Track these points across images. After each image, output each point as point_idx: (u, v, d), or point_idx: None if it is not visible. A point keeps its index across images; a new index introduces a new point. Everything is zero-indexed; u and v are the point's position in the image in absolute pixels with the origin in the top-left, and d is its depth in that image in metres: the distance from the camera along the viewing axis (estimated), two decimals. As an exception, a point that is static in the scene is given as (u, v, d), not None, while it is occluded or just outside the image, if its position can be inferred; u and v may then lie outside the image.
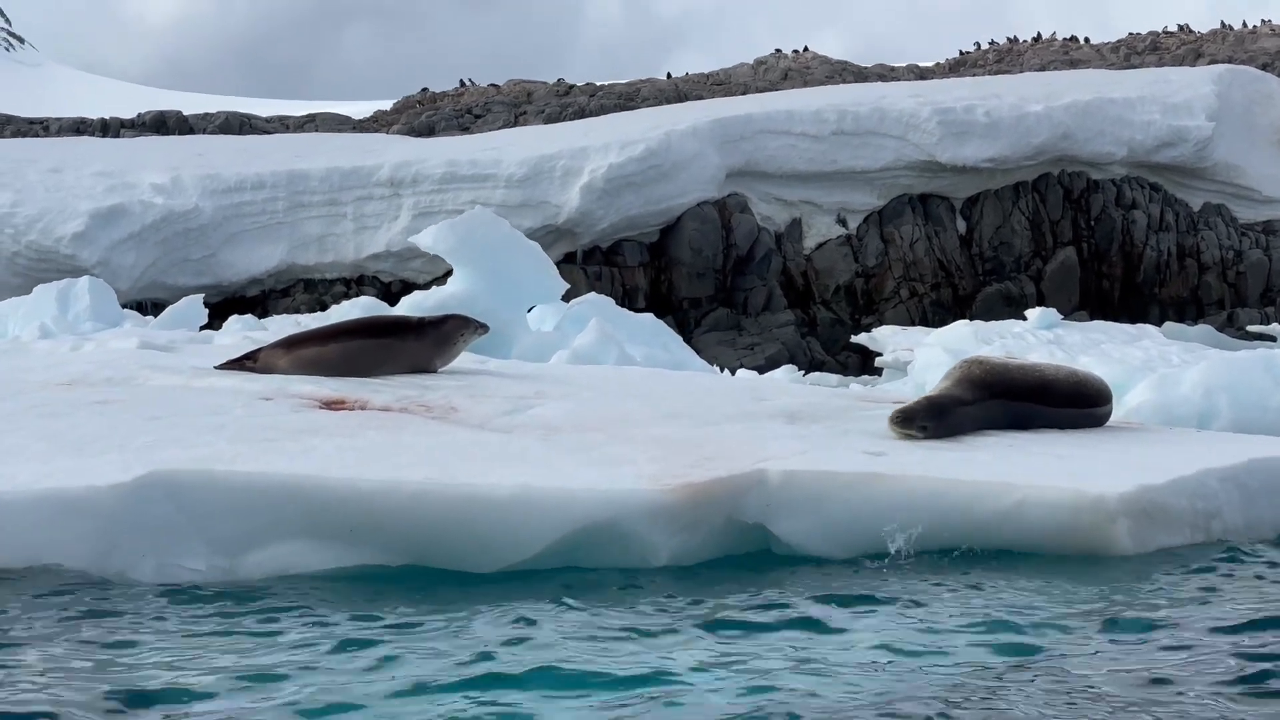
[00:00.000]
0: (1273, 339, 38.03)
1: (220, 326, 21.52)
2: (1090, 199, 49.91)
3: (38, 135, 62.03)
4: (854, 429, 9.37)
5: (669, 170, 43.23)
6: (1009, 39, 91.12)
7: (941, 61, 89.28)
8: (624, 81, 73.45)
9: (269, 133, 59.22)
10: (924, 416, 9.16)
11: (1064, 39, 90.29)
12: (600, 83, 72.93)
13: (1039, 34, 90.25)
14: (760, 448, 8.61)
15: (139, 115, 64.29)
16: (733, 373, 25.66)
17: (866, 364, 39.55)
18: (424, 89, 75.95)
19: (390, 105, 76.94)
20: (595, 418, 9.51)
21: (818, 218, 46.45)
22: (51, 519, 7.41)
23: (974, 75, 70.66)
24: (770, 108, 47.06)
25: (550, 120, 60.12)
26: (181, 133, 59.91)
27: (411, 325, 11.16)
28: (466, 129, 61.39)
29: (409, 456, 8.21)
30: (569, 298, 19.45)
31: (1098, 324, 33.45)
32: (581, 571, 7.67)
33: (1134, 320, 44.72)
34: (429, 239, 16.52)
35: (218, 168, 42.74)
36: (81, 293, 20.91)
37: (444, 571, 7.65)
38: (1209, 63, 71.26)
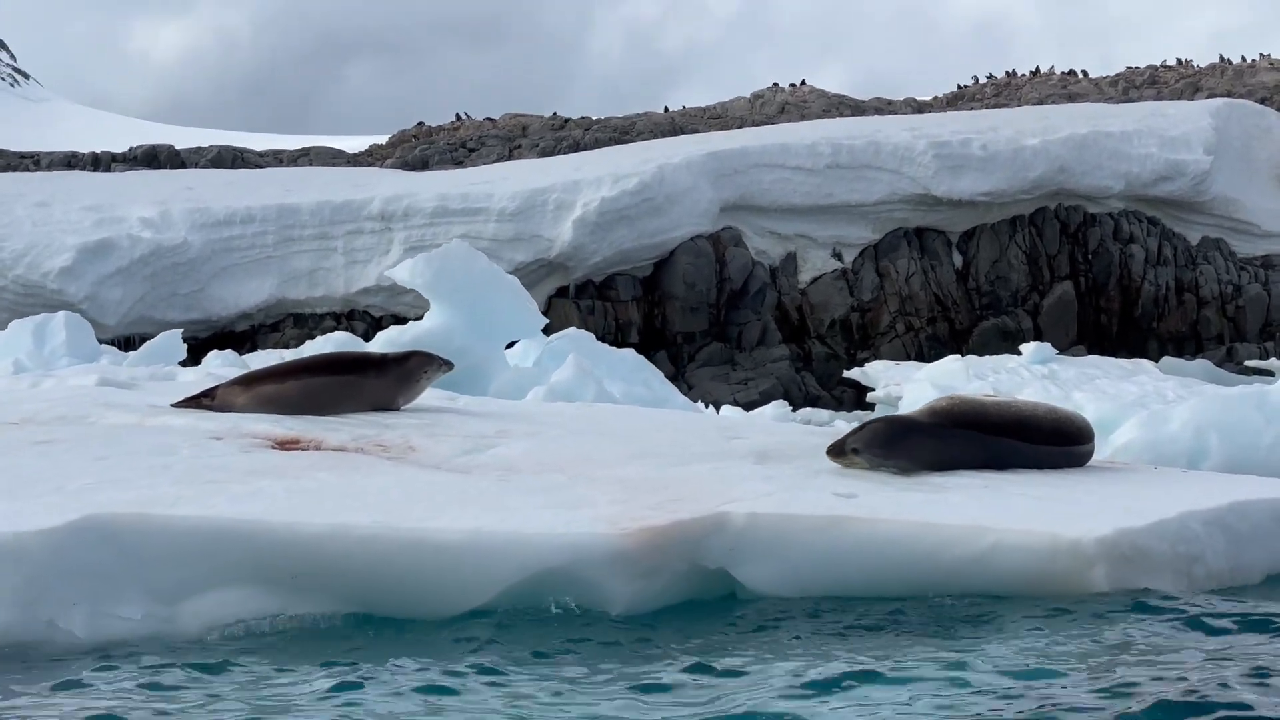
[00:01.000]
0: (1271, 374, 37.75)
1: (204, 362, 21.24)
2: (1088, 233, 49.70)
3: (28, 169, 61.84)
4: (826, 469, 9.06)
5: (662, 204, 43.01)
6: (1007, 73, 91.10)
7: (939, 95, 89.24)
8: (620, 115, 73.37)
9: (262, 167, 59.03)
10: (855, 439, 8.86)
11: (1062, 73, 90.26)
12: (596, 116, 72.85)
13: (1037, 68, 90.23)
14: (726, 489, 8.31)
15: (130, 149, 64.01)
16: (717, 409, 25.31)
17: (862, 399, 39.24)
18: (419, 123, 75.85)
19: (386, 139, 76.83)
20: (558, 457, 9.21)
21: (812, 251, 46.23)
22: (-27, 566, 7.07)
23: (971, 109, 70.56)
24: (765, 141, 46.91)
25: (544, 154, 59.96)
26: (173, 166, 59.69)
27: (374, 362, 10.86)
28: (460, 163, 61.19)
29: (358, 499, 7.91)
30: (551, 331, 19.17)
31: (1093, 359, 33.21)
32: (534, 619, 7.37)
33: (1132, 355, 44.48)
34: (405, 273, 16.24)
35: (207, 201, 42.51)
36: (58, 328, 20.60)
37: (393, 619, 7.35)
38: (1207, 96, 71.19)
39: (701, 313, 43.73)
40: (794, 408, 38.21)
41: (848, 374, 37.33)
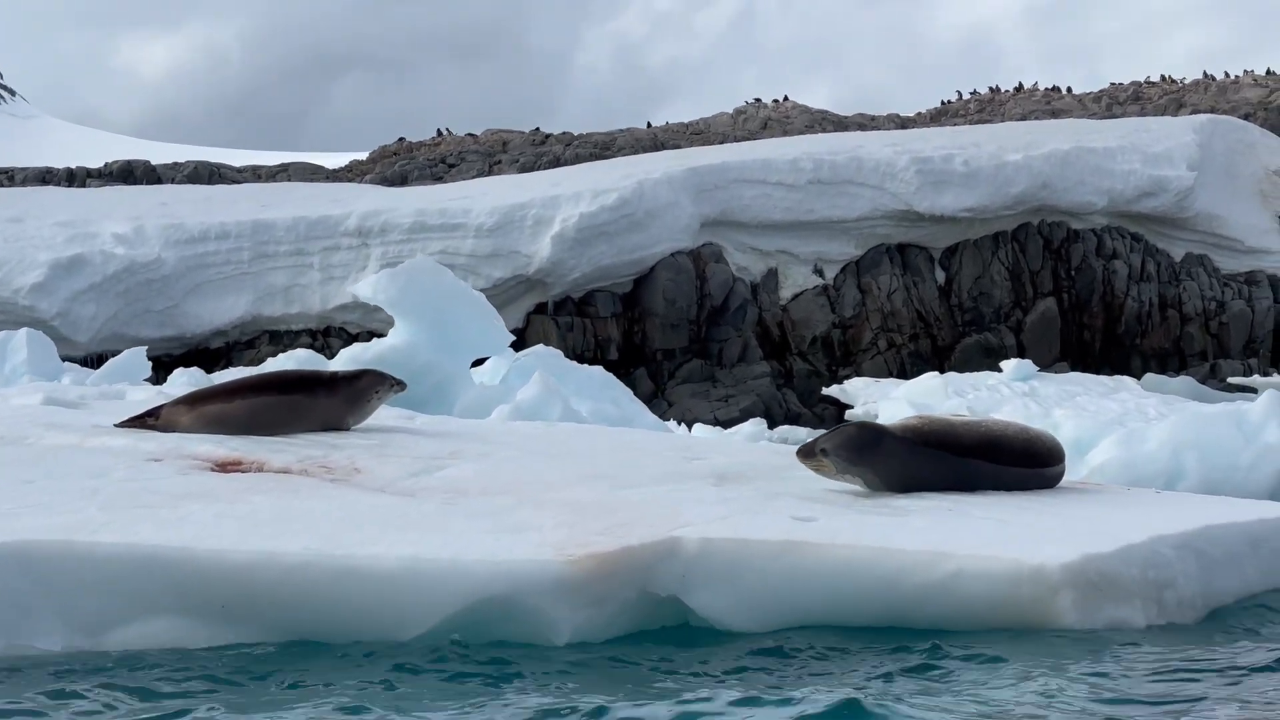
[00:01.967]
0: (1254, 391, 37.53)
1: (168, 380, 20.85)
2: (1070, 249, 49.52)
3: (2, 185, 61.29)
4: (786, 491, 8.74)
5: (642, 219, 42.73)
6: (991, 89, 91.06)
7: (923, 111, 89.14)
8: (602, 131, 73.07)
9: (239, 183, 58.65)
10: (826, 440, 8.56)
11: (1046, 89, 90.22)
12: (578, 132, 72.50)
13: (1020, 84, 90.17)
14: (679, 513, 7.99)
15: (106, 165, 63.45)
16: (689, 428, 24.98)
17: (844, 416, 38.93)
18: (400, 138, 75.48)
19: (367, 155, 76.46)
20: (507, 479, 8.88)
21: (794, 268, 45.96)
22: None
23: (955, 125, 70.41)
24: (746, 156, 46.68)
25: (524, 169, 59.64)
26: (149, 182, 59.18)
27: (323, 381, 10.52)
28: (440, 178, 60.83)
29: (293, 524, 7.58)
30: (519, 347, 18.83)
31: (1074, 375, 32.97)
32: (475, 649, 7.05)
33: (1116, 372, 44.30)
34: (369, 289, 15.92)
35: (181, 217, 42.12)
36: (19, 345, 20.24)
37: (327, 649, 7.02)
38: (1191, 112, 71.15)
39: (682, 329, 43.43)
40: (775, 425, 37.91)
41: (827, 391, 37.06)
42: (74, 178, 60.83)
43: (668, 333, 43.26)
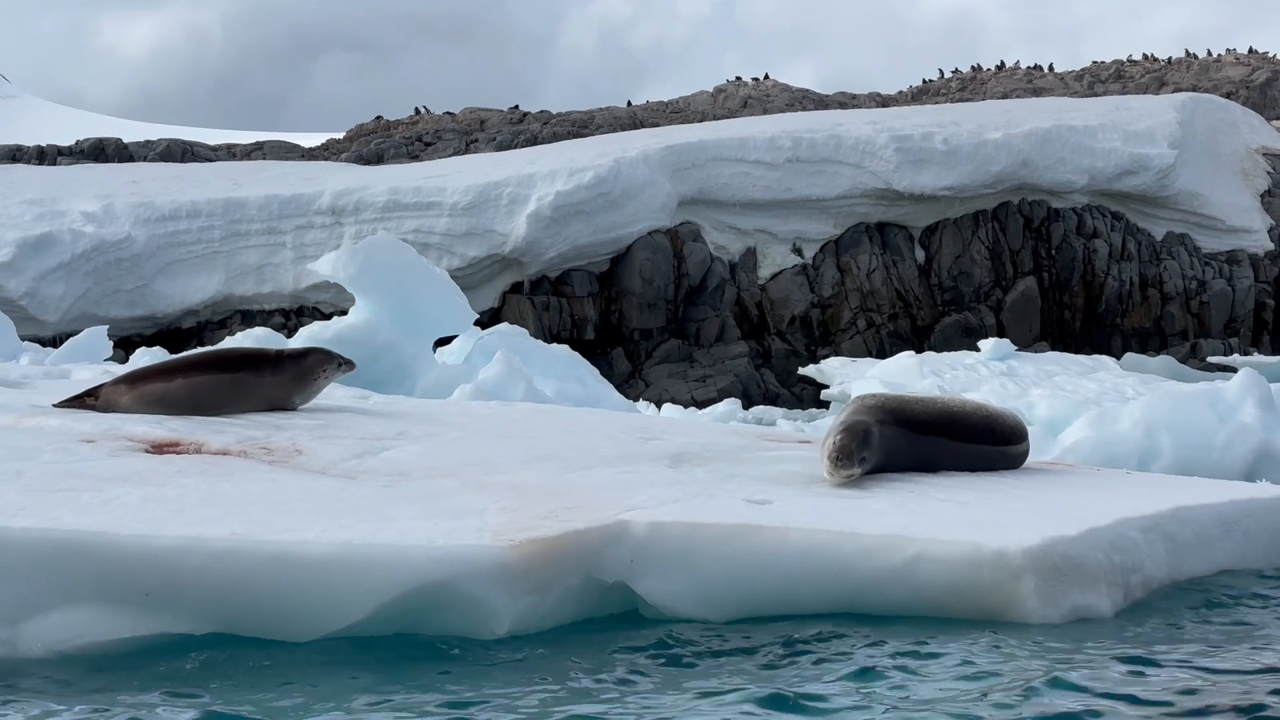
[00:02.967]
0: (1234, 371, 37.34)
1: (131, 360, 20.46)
2: (1051, 228, 49.31)
3: (-30, 164, 60.53)
4: (742, 473, 8.44)
5: (619, 198, 42.39)
6: (973, 68, 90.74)
7: (904, 90, 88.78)
8: (581, 110, 72.55)
9: (213, 161, 58.06)
10: (861, 448, 8.13)
11: (1028, 67, 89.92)
12: (556, 111, 71.96)
13: (1002, 62, 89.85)
14: (629, 495, 7.70)
15: (77, 143, 62.69)
16: (659, 408, 24.66)
17: (819, 397, 38.69)
18: (377, 117, 74.88)
19: (344, 134, 75.88)
20: (453, 461, 8.57)
21: (772, 247, 45.67)
22: None
23: (936, 104, 70.03)
24: (723, 135, 46.37)
25: (501, 148, 59.17)
26: (121, 160, 58.53)
27: (268, 359, 10.19)
28: (416, 157, 60.34)
29: (222, 508, 7.26)
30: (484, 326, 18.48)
31: (1052, 355, 32.72)
32: (409, 639, 6.75)
33: (1096, 351, 44.13)
34: (327, 266, 15.58)
35: (152, 195, 41.64)
36: (-25, 325, 19.85)
37: (256, 640, 6.71)
38: (1173, 91, 70.95)
39: (659, 309, 43.13)
40: (753, 405, 37.67)
41: (803, 371, 36.80)
42: (44, 156, 60.15)
43: (645, 312, 42.95)
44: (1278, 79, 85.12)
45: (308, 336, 15.29)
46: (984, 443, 8.77)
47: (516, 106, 72.38)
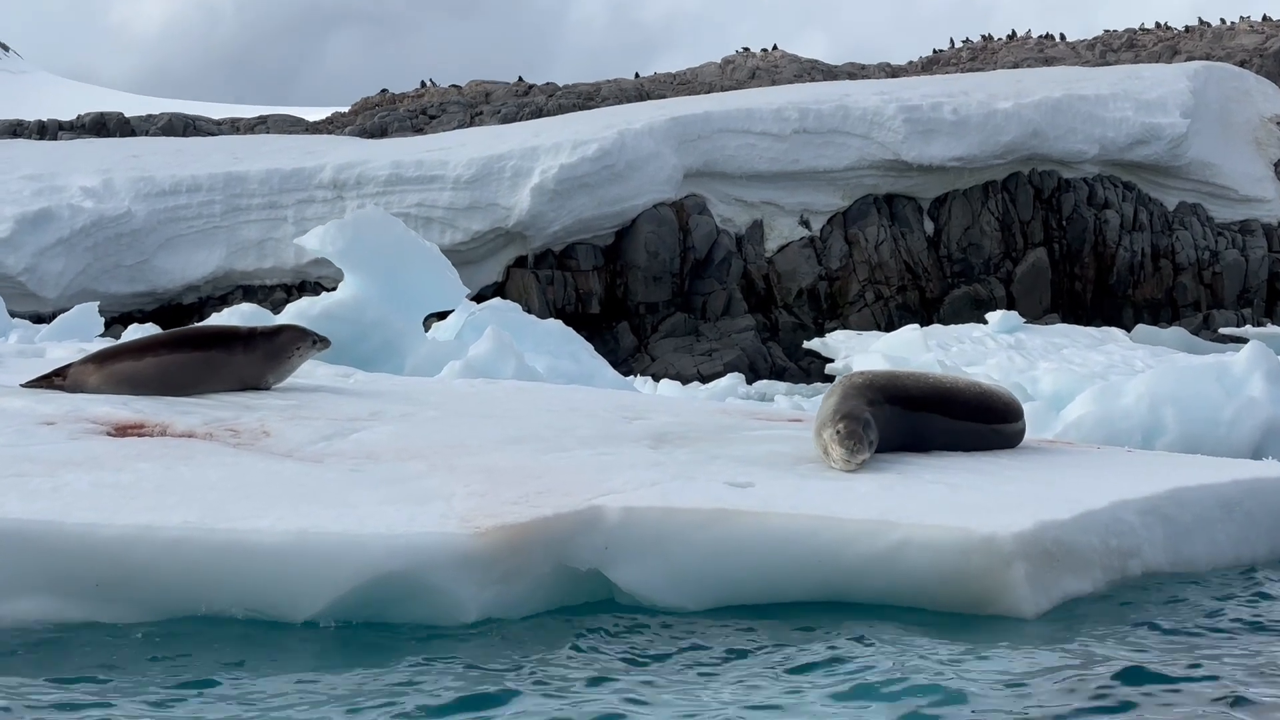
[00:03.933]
0: (1247, 342, 36.93)
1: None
2: (1061, 198, 48.83)
3: (-29, 139, 60.13)
4: (725, 454, 8.11)
5: (623, 171, 41.99)
6: (983, 37, 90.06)
7: (914, 60, 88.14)
8: (587, 82, 72.04)
9: (215, 135, 57.66)
10: (870, 431, 7.79)
11: (1039, 36, 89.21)
12: (562, 83, 71.49)
13: (1013, 32, 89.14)
14: (605, 479, 7.39)
15: (78, 117, 62.28)
16: (657, 382, 24.33)
17: (824, 371, 38.33)
18: (383, 90, 74.45)
19: (349, 107, 75.47)
20: (425, 443, 8.27)
21: (779, 219, 45.24)
22: None
23: (946, 74, 69.50)
24: (729, 106, 45.90)
25: (506, 120, 58.72)
26: (123, 134, 58.16)
27: (240, 336, 9.91)
28: (420, 130, 59.93)
29: (178, 494, 6.98)
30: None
31: (1061, 327, 32.37)
32: (370, 632, 6.47)
33: (1108, 323, 43.73)
34: (315, 240, 15.26)
35: (152, 170, 41.27)
36: (-36, 302, 19.56)
37: (211, 633, 6.42)
38: (1186, 59, 70.30)
39: (665, 283, 42.76)
40: (760, 379, 37.35)
41: (808, 345, 36.43)
42: (45, 130, 59.76)
43: (650, 286, 42.59)
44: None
45: (294, 313, 14.98)
46: (977, 420, 8.45)
47: (521, 79, 71.86)
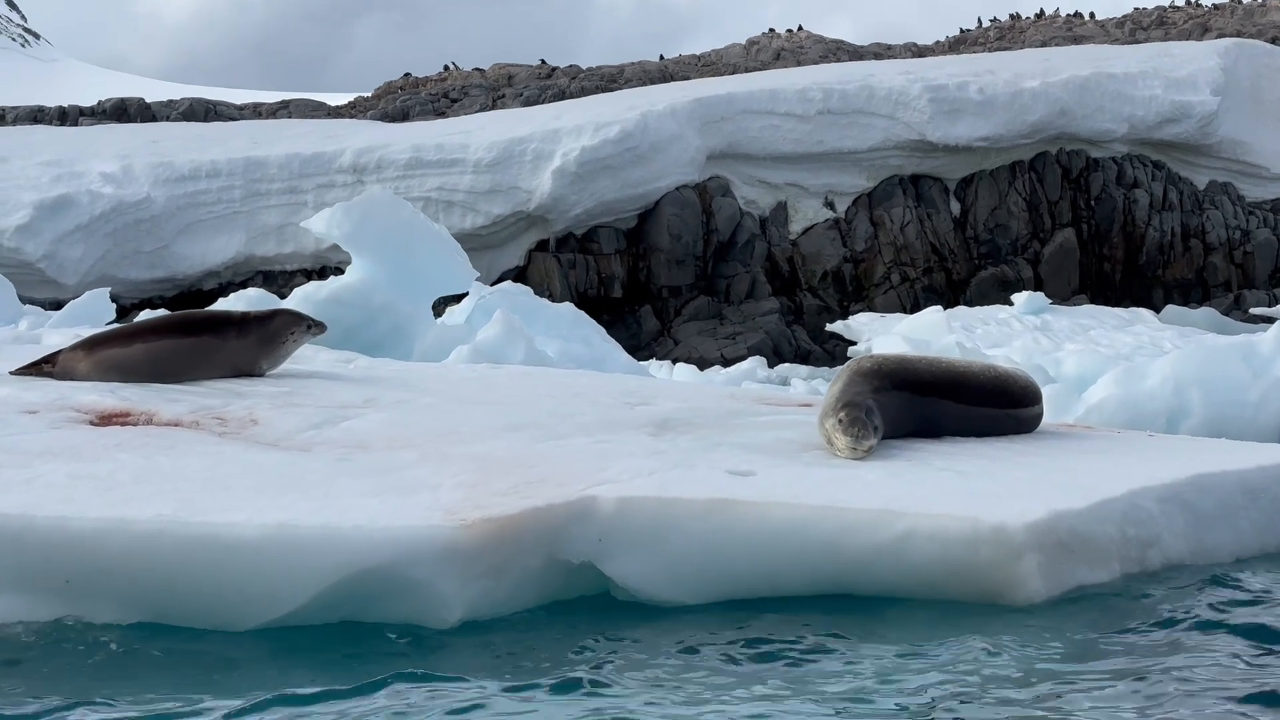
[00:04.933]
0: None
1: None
2: (1090, 178, 48.29)
3: (-6, 125, 60.04)
4: (729, 441, 7.82)
5: (646, 153, 41.63)
6: (1011, 16, 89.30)
7: (941, 40, 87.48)
8: (611, 65, 71.64)
9: (236, 120, 57.49)
10: (874, 417, 7.49)
11: (1068, 15, 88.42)
12: (587, 66, 71.08)
13: (1041, 10, 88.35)
14: (602, 468, 7.13)
15: (99, 103, 62.17)
16: (671, 367, 24.02)
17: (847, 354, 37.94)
18: (406, 74, 74.14)
19: (372, 92, 75.25)
20: (417, 431, 8.00)
21: (804, 201, 44.84)
22: None
23: (973, 53, 68.91)
24: (753, 87, 45.50)
25: (529, 103, 58.39)
26: (144, 120, 58.02)
27: (233, 322, 9.66)
28: (442, 114, 59.65)
29: (155, 486, 6.74)
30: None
31: (1088, 309, 31.94)
32: (352, 629, 6.23)
33: (1137, 304, 43.20)
34: (321, 224, 15.01)
35: (171, 155, 41.10)
36: (-25, 288, 19.39)
37: (188, 630, 6.20)
38: (1217, 36, 69.52)
39: (688, 265, 42.43)
40: (784, 362, 37.01)
41: (831, 327, 36.06)
42: (66, 116, 59.62)
43: (673, 269, 42.26)
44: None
45: (302, 297, 14.76)
46: (992, 405, 8.14)
47: (544, 61, 71.46)
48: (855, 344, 31.23)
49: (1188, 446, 8.68)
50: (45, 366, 9.52)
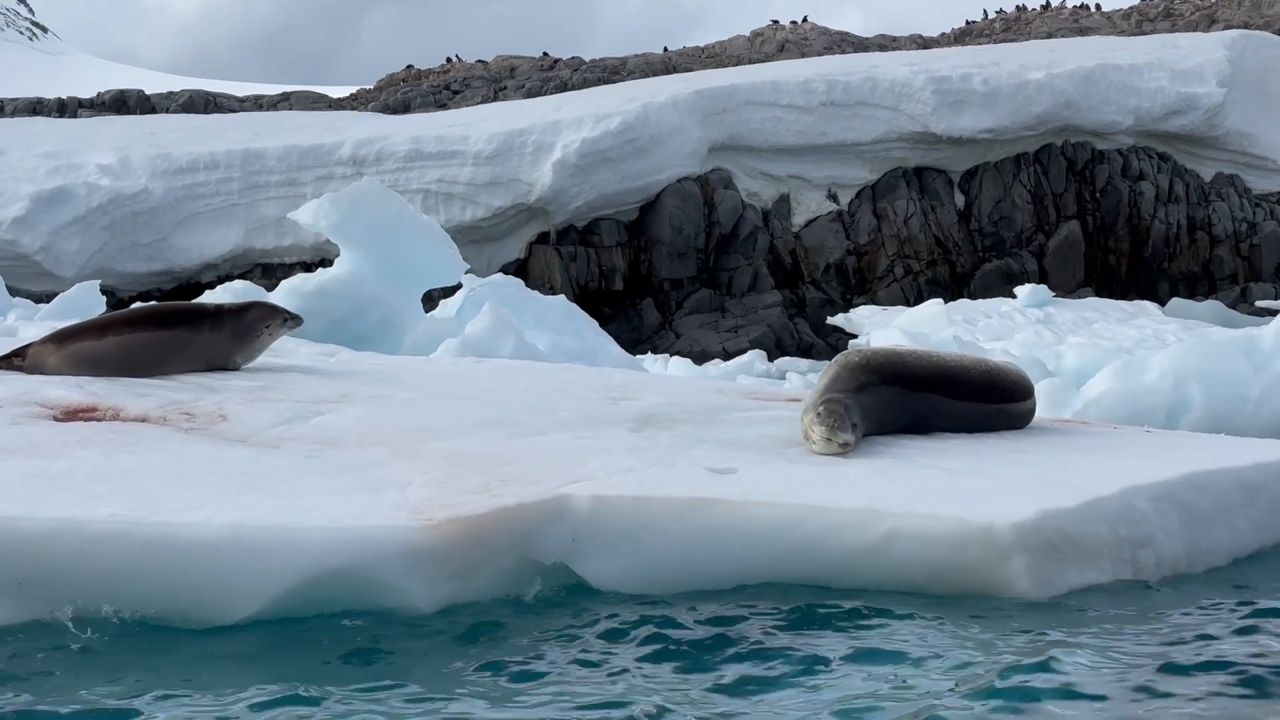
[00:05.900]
0: (1283, 314, 36.12)
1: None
2: (1095, 170, 48.01)
3: (-7, 117, 59.80)
4: (713, 437, 7.61)
5: (647, 145, 41.40)
6: (1017, 7, 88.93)
7: (946, 32, 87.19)
8: (614, 56, 71.40)
9: (236, 112, 57.26)
10: (852, 415, 7.28)
11: (1074, 6, 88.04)
12: (590, 58, 70.83)
13: (1047, 2, 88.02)
14: (578, 465, 6.92)
15: (98, 95, 61.94)
16: (665, 359, 23.81)
17: (848, 346, 37.69)
18: (408, 66, 73.94)
19: (374, 84, 75.04)
20: (391, 427, 7.79)
21: (807, 193, 44.60)
22: None
23: (978, 45, 68.60)
24: (755, 78, 45.27)
25: (531, 95, 58.13)
26: (143, 112, 57.81)
27: (207, 314, 9.44)
28: (444, 106, 59.42)
29: (112, 484, 6.53)
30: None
31: (1091, 301, 31.72)
32: (313, 632, 6.00)
33: (1143, 297, 42.93)
34: (309, 215, 14.79)
35: (169, 147, 40.92)
36: (-38, 280, 19.16)
37: (144, 634, 5.99)
38: (1223, 28, 69.16)
39: (689, 258, 42.20)
40: (785, 356, 36.80)
41: (831, 320, 35.83)
42: (65, 108, 59.42)
43: (675, 262, 42.04)
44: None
45: (288, 290, 14.55)
46: (983, 400, 7.92)
47: (546, 53, 71.21)
48: (856, 337, 31.02)
49: (1186, 443, 8.45)
50: (15, 360, 9.31)
